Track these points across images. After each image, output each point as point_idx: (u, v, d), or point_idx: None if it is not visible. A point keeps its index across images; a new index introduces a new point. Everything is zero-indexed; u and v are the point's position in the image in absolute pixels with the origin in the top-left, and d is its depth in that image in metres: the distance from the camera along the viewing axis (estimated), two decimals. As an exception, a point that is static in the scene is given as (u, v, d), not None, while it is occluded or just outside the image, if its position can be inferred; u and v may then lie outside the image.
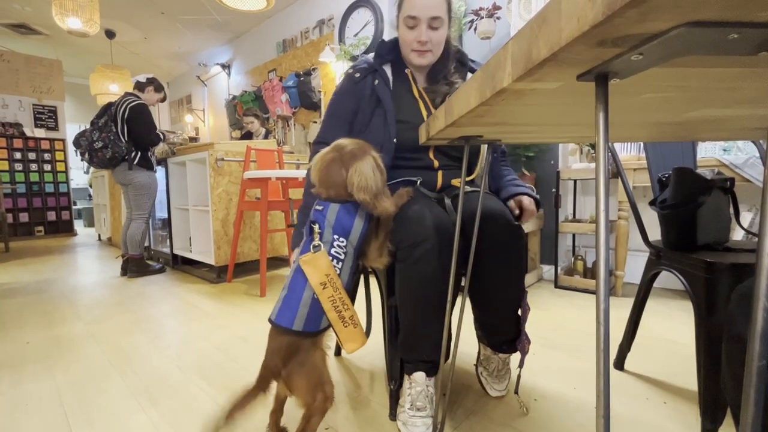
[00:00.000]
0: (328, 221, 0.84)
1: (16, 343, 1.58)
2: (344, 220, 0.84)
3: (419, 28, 1.02)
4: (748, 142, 1.74)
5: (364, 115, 1.09)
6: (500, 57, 0.38)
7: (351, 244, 0.85)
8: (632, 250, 2.21)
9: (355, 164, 0.84)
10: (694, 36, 0.25)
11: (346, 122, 1.11)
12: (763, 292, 0.29)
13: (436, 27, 1.02)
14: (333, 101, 1.14)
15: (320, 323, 0.81)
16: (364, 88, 1.09)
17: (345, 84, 1.12)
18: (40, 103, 5.52)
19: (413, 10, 1.00)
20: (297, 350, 0.79)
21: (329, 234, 0.83)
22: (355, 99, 1.10)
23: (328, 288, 0.80)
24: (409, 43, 1.05)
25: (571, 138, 0.92)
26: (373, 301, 1.39)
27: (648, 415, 1.00)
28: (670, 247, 1.07)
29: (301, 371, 0.78)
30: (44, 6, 4.01)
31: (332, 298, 0.80)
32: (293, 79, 4.13)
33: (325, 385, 0.80)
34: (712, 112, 0.51)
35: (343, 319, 0.81)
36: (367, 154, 0.86)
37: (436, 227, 0.86)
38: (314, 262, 0.80)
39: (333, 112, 1.13)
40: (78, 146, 2.66)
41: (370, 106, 1.08)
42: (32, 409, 1.10)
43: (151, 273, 2.86)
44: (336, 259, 0.82)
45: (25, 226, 5.32)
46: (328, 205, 0.85)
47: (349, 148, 0.87)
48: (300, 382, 0.78)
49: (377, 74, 1.09)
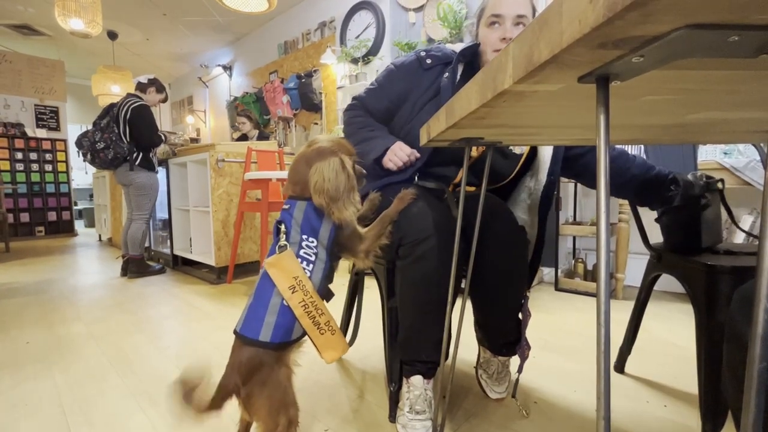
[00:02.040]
0: (295, 220, 0.78)
1: (16, 343, 1.58)
2: (312, 219, 0.78)
3: (504, 26, 0.98)
4: (748, 145, 1.74)
5: (414, 106, 1.04)
6: (501, 59, 0.38)
7: (321, 244, 0.78)
8: (633, 252, 2.20)
9: (317, 163, 0.77)
10: (695, 38, 0.25)
11: (388, 100, 1.07)
12: (764, 294, 0.29)
13: (521, 25, 0.98)
14: (391, 72, 1.08)
15: (291, 333, 0.74)
16: (428, 77, 1.03)
17: (409, 64, 1.05)
18: (41, 104, 5.53)
19: (499, 8, 0.97)
20: (259, 366, 0.71)
21: (297, 234, 0.77)
22: (411, 84, 1.04)
23: (297, 292, 0.73)
24: (492, 44, 0.99)
25: (572, 140, 0.92)
26: (372, 303, 1.39)
27: (648, 418, 1.00)
28: (673, 249, 1.07)
29: (262, 391, 0.70)
30: (47, 7, 4.02)
31: (303, 303, 0.73)
32: (294, 81, 4.14)
33: (290, 408, 0.72)
34: (712, 115, 0.51)
35: (318, 325, 0.74)
36: (334, 154, 0.78)
37: (438, 225, 0.86)
38: (280, 264, 0.73)
39: (383, 83, 1.08)
40: (80, 147, 2.67)
41: (425, 98, 1.02)
42: (31, 409, 1.10)
43: (151, 274, 2.86)
44: (305, 260, 0.76)
45: (26, 227, 5.33)
46: (294, 203, 0.79)
47: (318, 146, 0.80)
48: (261, 404, 0.70)
49: (449, 68, 1.02)
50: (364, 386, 1.19)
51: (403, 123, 1.07)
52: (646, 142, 0.92)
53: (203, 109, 6.12)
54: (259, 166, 2.55)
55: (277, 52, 4.54)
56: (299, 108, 4.20)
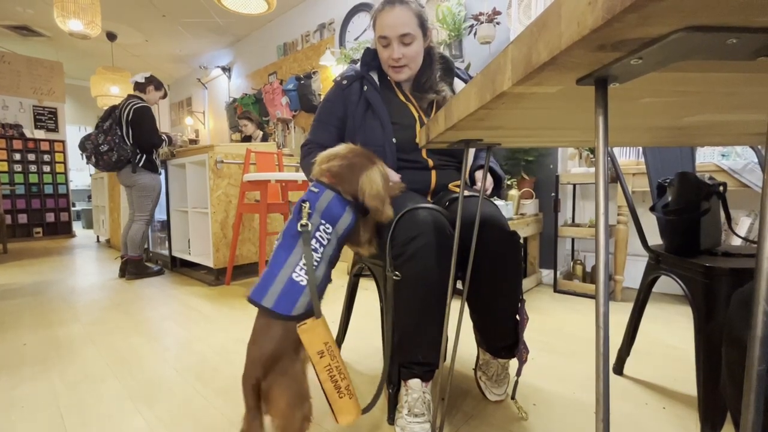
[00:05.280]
0: (319, 205, 0.85)
1: (13, 345, 1.58)
2: (335, 209, 0.85)
3: (391, 47, 1.07)
4: (746, 147, 1.74)
5: (354, 120, 1.13)
6: (500, 61, 0.38)
7: (336, 233, 0.85)
8: (631, 254, 2.21)
9: (366, 172, 0.87)
10: (693, 40, 0.25)
11: (333, 127, 1.17)
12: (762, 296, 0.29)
13: (408, 43, 1.07)
14: (321, 108, 1.20)
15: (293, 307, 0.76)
16: (352, 94, 1.14)
17: (333, 91, 1.18)
18: (40, 105, 5.52)
19: (383, 31, 1.06)
20: (281, 357, 0.73)
21: (317, 217, 0.84)
22: (343, 106, 1.15)
23: (325, 356, 0.75)
24: (385, 61, 1.11)
25: (570, 142, 0.93)
26: (370, 304, 1.38)
27: (647, 421, 1.00)
28: (674, 252, 1.07)
29: (282, 383, 0.71)
30: (46, 8, 4.02)
31: (329, 367, 0.75)
32: (293, 83, 4.14)
33: (305, 403, 0.73)
34: (711, 117, 0.51)
35: (339, 389, 0.76)
36: (374, 164, 0.90)
37: (429, 223, 0.86)
38: (313, 331, 0.76)
39: (321, 119, 1.19)
40: (84, 150, 2.67)
41: (360, 111, 1.12)
42: (28, 411, 1.09)
43: (149, 275, 2.86)
44: (319, 243, 0.82)
45: (24, 228, 5.31)
46: (323, 190, 0.86)
47: (358, 155, 0.91)
48: (281, 397, 0.71)
49: (365, 80, 1.14)
50: (363, 388, 1.19)
51: (352, 136, 1.14)
52: (645, 144, 0.93)
53: (202, 111, 6.12)
54: (258, 168, 2.55)
55: (277, 54, 4.54)
56: (298, 109, 4.20)
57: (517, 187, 2.39)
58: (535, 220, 2.32)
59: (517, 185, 2.40)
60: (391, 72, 1.12)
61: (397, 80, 1.13)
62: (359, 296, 1.39)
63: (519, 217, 2.18)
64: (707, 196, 0.99)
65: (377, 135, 1.09)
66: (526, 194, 2.35)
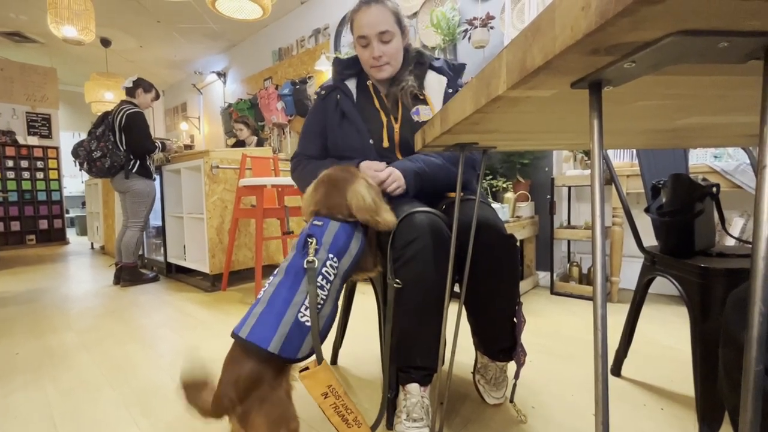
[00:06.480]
0: (326, 238, 0.83)
1: (6, 354, 1.55)
2: (341, 240, 0.84)
3: (371, 46, 1.08)
4: (738, 148, 1.76)
5: (332, 128, 1.16)
6: (495, 65, 0.38)
7: (342, 267, 0.83)
8: (627, 256, 2.22)
9: (350, 187, 0.88)
10: (685, 44, 0.25)
11: (318, 136, 1.19)
12: (758, 297, 0.29)
13: (387, 40, 1.08)
14: (306, 121, 1.23)
15: (298, 352, 0.72)
16: (329, 104, 1.16)
17: (316, 104, 1.21)
18: (33, 111, 5.49)
19: (362, 30, 1.07)
20: (259, 383, 0.68)
21: (324, 252, 0.82)
22: (323, 115, 1.18)
23: (330, 397, 0.74)
24: (366, 61, 1.12)
25: (565, 145, 0.93)
26: (368, 308, 1.38)
27: (646, 422, 1.00)
28: (668, 253, 1.08)
29: (261, 408, 0.67)
30: (39, 14, 4.01)
31: (335, 405, 0.75)
32: (289, 87, 4.15)
33: (290, 422, 0.70)
34: (703, 120, 0.52)
35: (347, 422, 0.76)
36: (356, 177, 0.91)
37: (426, 226, 0.86)
38: (314, 377, 0.74)
39: (306, 131, 1.22)
40: (76, 156, 2.65)
41: (336, 119, 1.15)
42: (21, 420, 1.08)
43: (144, 282, 2.83)
44: (325, 279, 0.80)
45: (16, 235, 5.26)
46: (327, 223, 0.86)
47: (340, 173, 0.92)
48: (260, 421, 0.67)
49: (339, 90, 1.16)
50: (361, 393, 1.18)
51: (333, 142, 1.16)
52: (639, 146, 0.93)
53: (197, 116, 6.11)
54: (254, 173, 2.54)
55: (272, 59, 4.55)
56: (294, 114, 4.20)
57: (513, 190, 2.40)
58: (531, 222, 2.32)
59: (512, 188, 2.41)
60: (372, 72, 1.12)
61: (379, 78, 1.13)
62: (356, 300, 1.39)
63: (515, 220, 2.19)
64: (701, 198, 0.99)
65: (355, 139, 1.12)
66: (521, 197, 2.36)
